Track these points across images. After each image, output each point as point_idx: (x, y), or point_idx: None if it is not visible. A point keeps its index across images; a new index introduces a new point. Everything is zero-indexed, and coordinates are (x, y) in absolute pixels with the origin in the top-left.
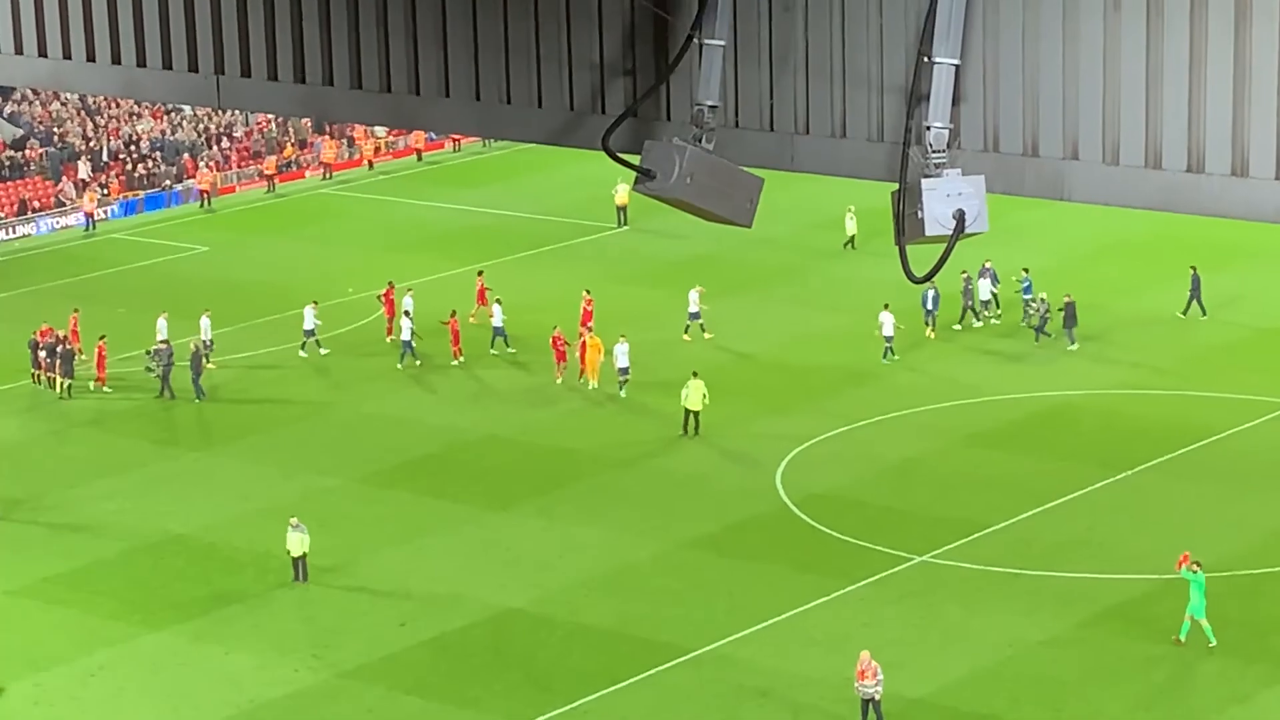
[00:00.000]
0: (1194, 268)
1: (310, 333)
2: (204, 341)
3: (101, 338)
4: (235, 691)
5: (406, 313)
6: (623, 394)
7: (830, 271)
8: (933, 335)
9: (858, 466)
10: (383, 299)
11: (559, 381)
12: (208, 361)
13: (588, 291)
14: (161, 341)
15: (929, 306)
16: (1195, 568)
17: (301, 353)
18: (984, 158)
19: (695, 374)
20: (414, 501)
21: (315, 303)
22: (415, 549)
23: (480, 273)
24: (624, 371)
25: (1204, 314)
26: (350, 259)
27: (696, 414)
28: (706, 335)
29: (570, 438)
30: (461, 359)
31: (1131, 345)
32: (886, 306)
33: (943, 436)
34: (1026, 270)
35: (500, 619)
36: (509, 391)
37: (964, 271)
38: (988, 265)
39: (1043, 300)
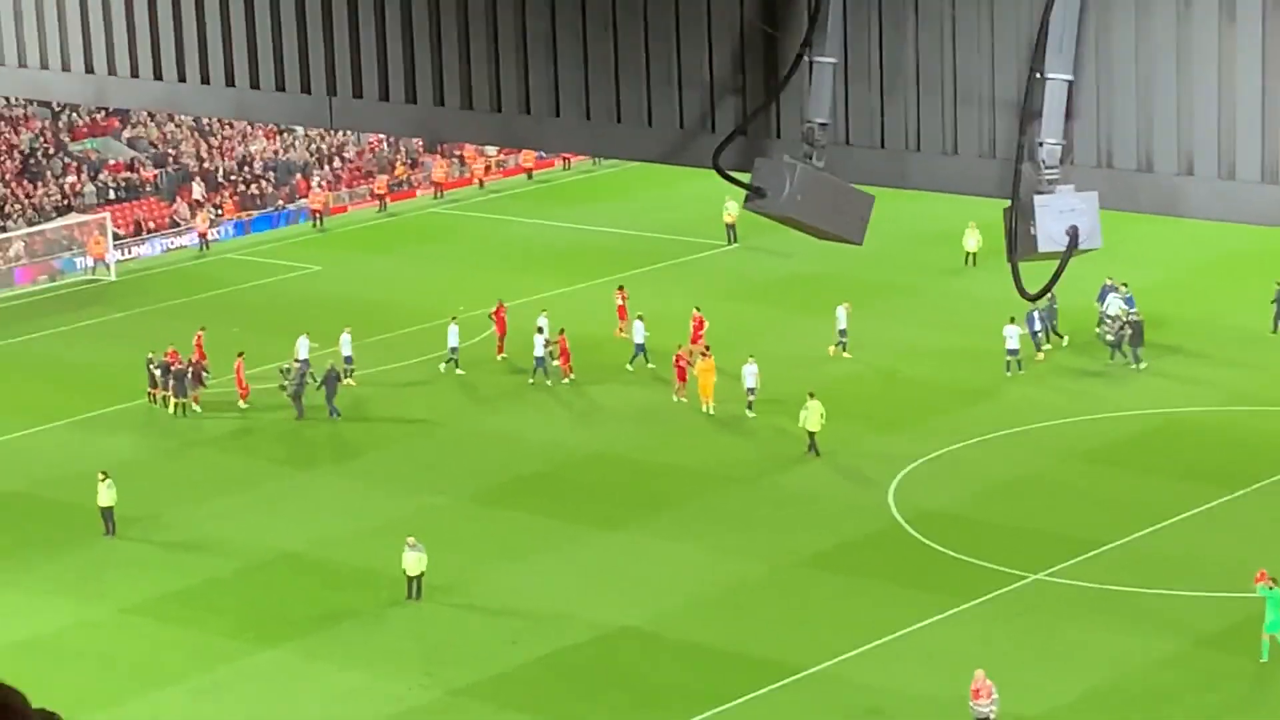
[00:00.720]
0: (1279, 283)
1: (454, 350)
2: (344, 358)
3: (240, 354)
4: (348, 709)
5: (540, 329)
6: (750, 414)
7: (941, 288)
8: (1042, 357)
9: (970, 484)
10: (493, 317)
11: (676, 400)
12: (348, 378)
13: (698, 309)
14: (298, 360)
15: (1035, 328)
16: (1272, 584)
17: (441, 367)
18: (1097, 174)
19: (811, 394)
20: (525, 520)
21: (455, 319)
22: (526, 567)
23: (621, 288)
24: (751, 391)
25: None
26: (461, 277)
27: (814, 434)
28: (845, 354)
29: (680, 455)
30: (572, 376)
31: (1244, 361)
32: (1012, 320)
33: (1056, 454)
34: (1125, 285)
35: (611, 637)
36: (620, 409)
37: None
38: (1111, 283)
39: (1118, 318)
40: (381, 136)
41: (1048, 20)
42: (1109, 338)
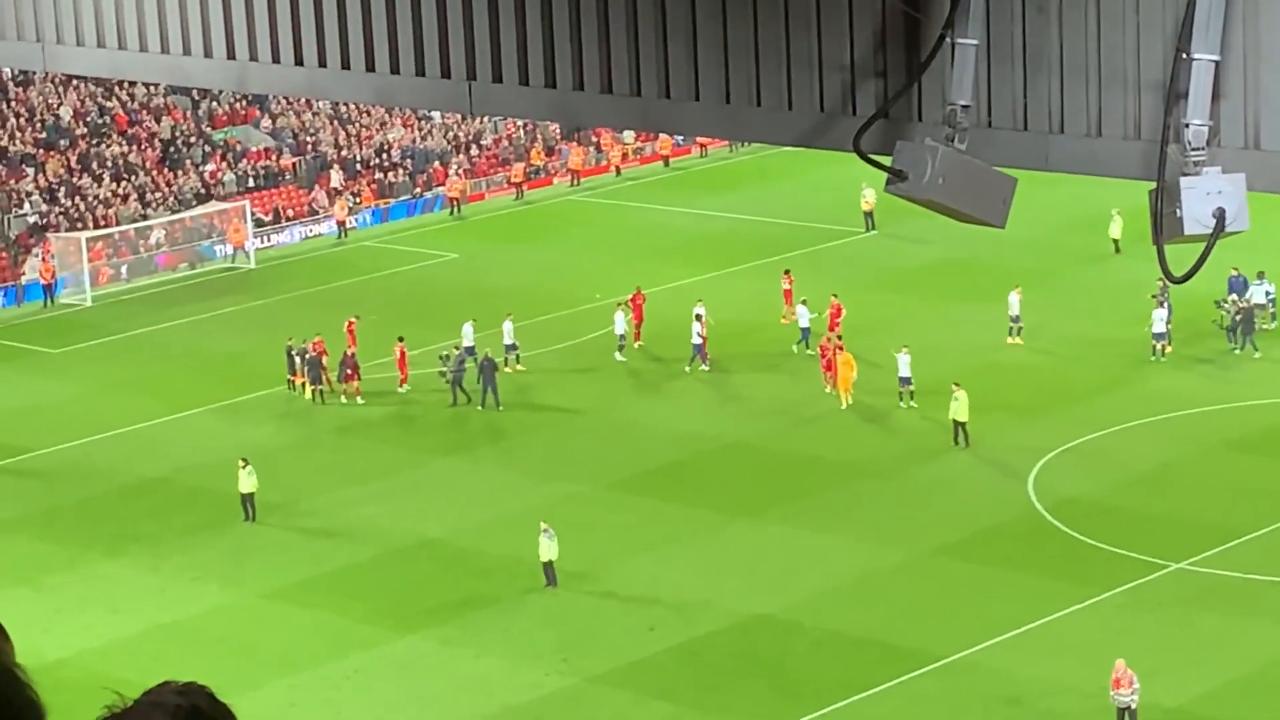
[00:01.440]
0: None
1: (622, 338)
2: (506, 345)
3: (400, 339)
4: (485, 695)
5: (698, 317)
6: (904, 405)
7: (1084, 274)
8: (1168, 350)
9: (1111, 472)
10: (631, 304)
11: (828, 391)
12: (517, 364)
13: (835, 295)
14: (460, 347)
15: (1158, 329)
16: None
17: (618, 355)
18: (1244, 155)
19: (957, 384)
20: (661, 508)
21: (620, 305)
22: (662, 555)
23: (787, 271)
24: (905, 381)
25: None
26: (597, 265)
27: (964, 425)
28: (1017, 340)
29: (817, 445)
30: (707, 366)
31: None
32: (1160, 303)
33: (1198, 442)
34: (1236, 270)
35: (747, 625)
36: (756, 398)
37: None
38: (1237, 273)
39: (1235, 302)
40: (518, 124)
41: (1195, 0)
42: (1226, 324)
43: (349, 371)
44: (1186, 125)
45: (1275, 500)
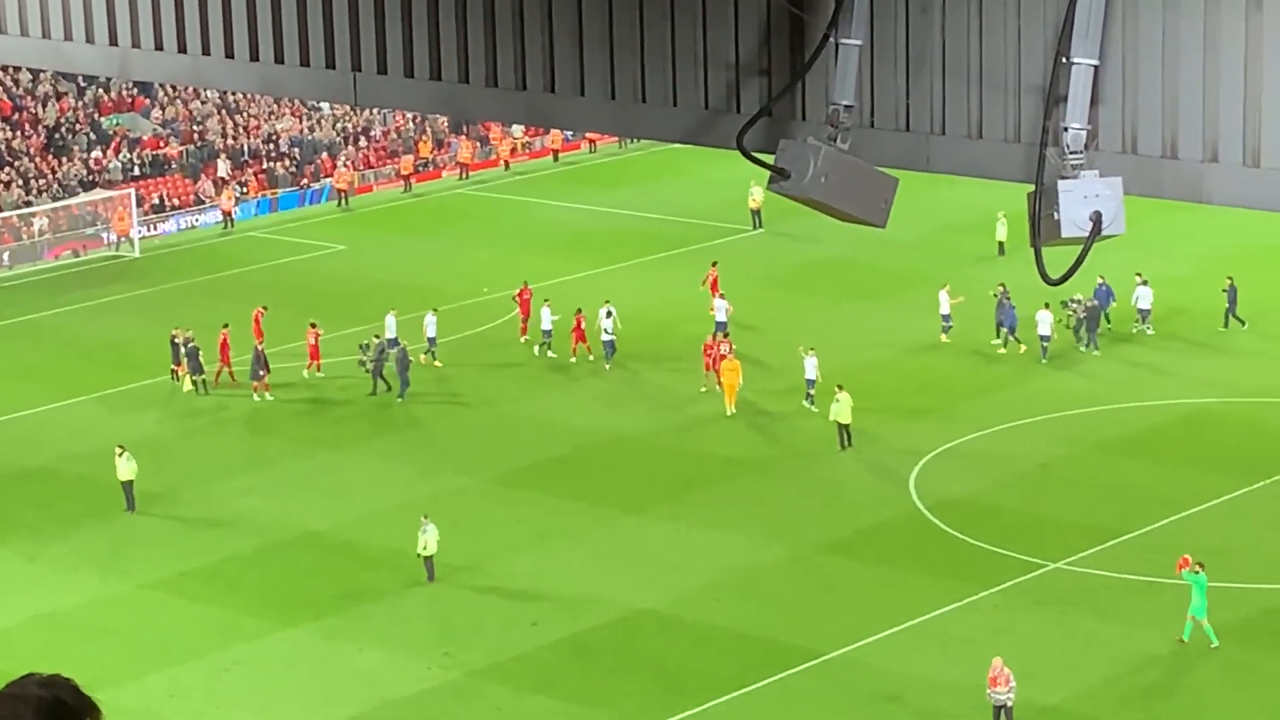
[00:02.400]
0: (1230, 279)
1: (547, 333)
2: (428, 339)
3: (312, 324)
4: (366, 689)
5: (609, 314)
6: (808, 405)
7: (967, 276)
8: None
9: (992, 472)
10: (517, 299)
11: (703, 389)
12: (434, 360)
13: (714, 264)
14: (381, 337)
15: (1043, 330)
16: (1197, 569)
17: (420, 358)
18: (1122, 159)
19: (840, 386)
20: (547, 503)
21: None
22: (547, 550)
23: (714, 264)
24: (810, 383)
25: (1242, 324)
26: (486, 259)
27: (847, 427)
28: (945, 339)
29: (705, 441)
30: (576, 358)
31: (1268, 353)
32: (1047, 306)
33: (1078, 443)
34: (1102, 279)
35: (631, 620)
36: (645, 394)
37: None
38: (1103, 282)
39: (1082, 303)
40: (407, 117)
41: (1074, 5)
42: (1071, 324)
43: (261, 371)
44: (1065, 129)
45: (1151, 500)
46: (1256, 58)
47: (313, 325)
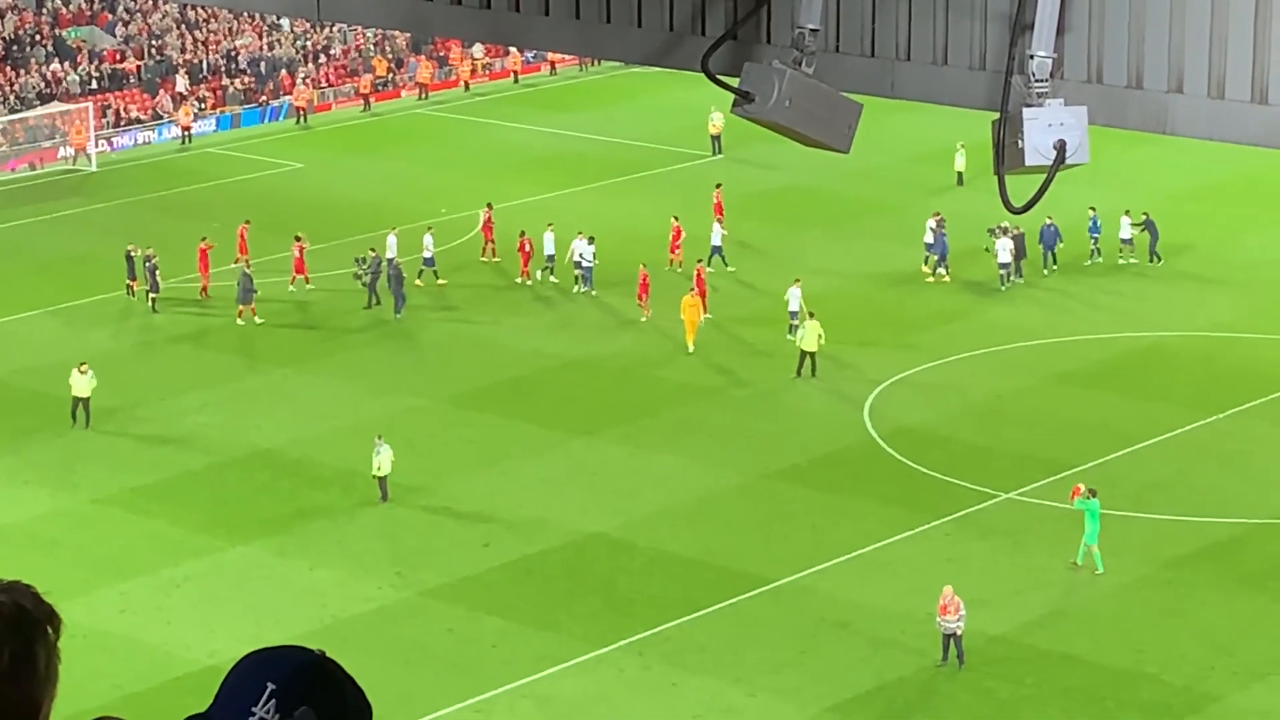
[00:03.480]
0: (1146, 214)
1: (550, 258)
2: (424, 259)
3: (297, 238)
4: (318, 606)
5: (591, 240)
6: (790, 337)
7: (927, 206)
8: (1047, 274)
9: (946, 402)
10: (482, 219)
11: (644, 319)
12: (436, 278)
13: (676, 218)
14: (373, 251)
15: (1003, 259)
16: (1089, 495)
17: (418, 280)
18: (1087, 89)
19: (811, 314)
20: (500, 424)
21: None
22: (500, 472)
23: (719, 185)
24: (794, 315)
25: (1159, 260)
26: (444, 180)
27: (813, 355)
28: (943, 275)
29: (661, 367)
30: (528, 280)
31: (1226, 288)
32: (1005, 232)
33: (1033, 374)
34: (1093, 209)
35: (582, 544)
36: (602, 318)
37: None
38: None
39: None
40: (367, 35)
41: None
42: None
43: (251, 292)
44: (1031, 57)
45: (1103, 433)
46: None
47: (298, 238)
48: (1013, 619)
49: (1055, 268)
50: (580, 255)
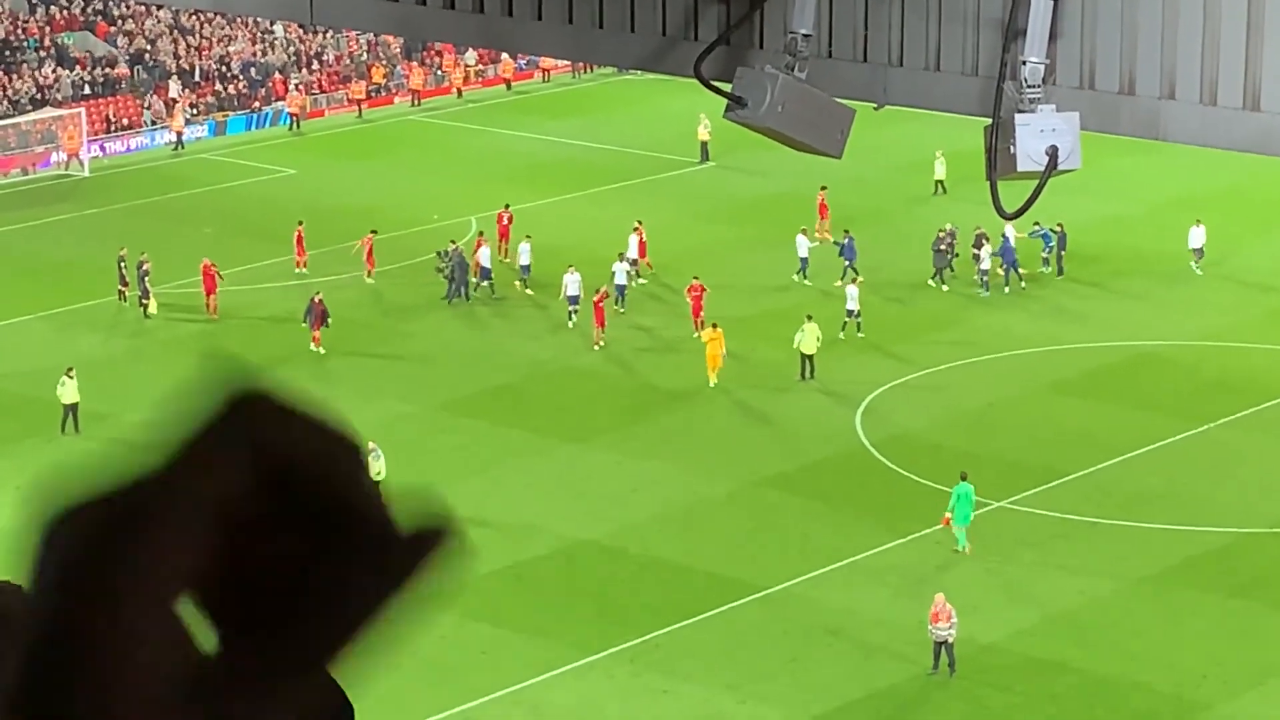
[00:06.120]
0: (1060, 225)
1: (525, 268)
2: (482, 269)
3: (373, 231)
4: None
5: (632, 260)
6: (850, 336)
7: (917, 214)
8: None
9: (938, 410)
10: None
11: (596, 347)
12: (525, 287)
13: (639, 223)
14: (455, 243)
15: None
16: (961, 478)
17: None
18: (1079, 95)
19: (809, 317)
20: (491, 431)
21: (528, 237)
22: (490, 478)
23: (824, 188)
24: (851, 313)
25: (1060, 273)
26: (437, 187)
27: (811, 358)
28: (806, 281)
29: (652, 373)
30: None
31: (1217, 297)
32: (987, 240)
33: (1024, 383)
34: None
35: (573, 550)
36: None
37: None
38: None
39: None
40: (360, 42)
41: None
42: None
43: (319, 321)
44: (1023, 63)
45: (1094, 442)
46: None
47: (373, 232)
48: (1004, 627)
49: (1023, 285)
50: (617, 275)
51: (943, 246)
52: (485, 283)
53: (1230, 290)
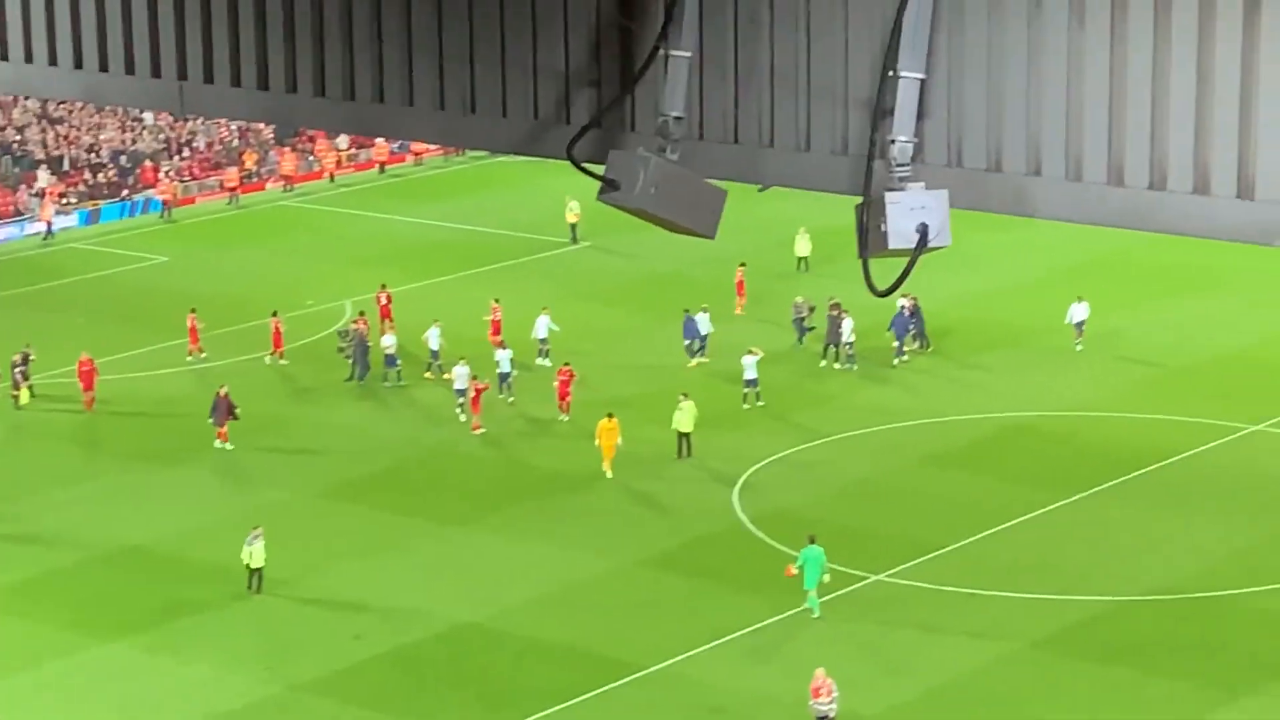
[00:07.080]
0: (914, 297)
1: (435, 354)
2: (431, 351)
3: (274, 313)
4: (188, 703)
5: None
6: (748, 406)
7: (786, 291)
8: (903, 359)
9: (815, 485)
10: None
11: (562, 418)
12: (442, 373)
13: (496, 300)
14: (355, 324)
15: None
16: (809, 541)
17: (427, 374)
18: (948, 172)
19: (685, 395)
20: (370, 516)
21: (437, 322)
22: (371, 563)
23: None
24: (750, 384)
25: (927, 347)
26: (310, 271)
27: (688, 436)
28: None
29: (531, 454)
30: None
31: (1089, 368)
32: (845, 312)
33: (900, 456)
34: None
35: (455, 634)
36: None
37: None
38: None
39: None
40: (231, 128)
41: (901, 18)
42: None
43: (225, 417)
44: (892, 141)
45: (971, 513)
46: (1078, 73)
47: (274, 314)
48: (886, 700)
49: (905, 358)
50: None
51: (801, 315)
52: (393, 369)
53: (1102, 361)
